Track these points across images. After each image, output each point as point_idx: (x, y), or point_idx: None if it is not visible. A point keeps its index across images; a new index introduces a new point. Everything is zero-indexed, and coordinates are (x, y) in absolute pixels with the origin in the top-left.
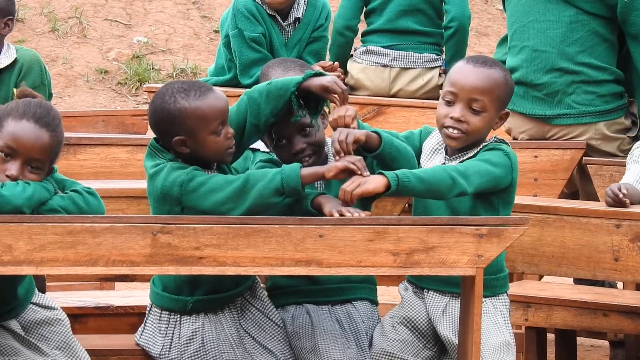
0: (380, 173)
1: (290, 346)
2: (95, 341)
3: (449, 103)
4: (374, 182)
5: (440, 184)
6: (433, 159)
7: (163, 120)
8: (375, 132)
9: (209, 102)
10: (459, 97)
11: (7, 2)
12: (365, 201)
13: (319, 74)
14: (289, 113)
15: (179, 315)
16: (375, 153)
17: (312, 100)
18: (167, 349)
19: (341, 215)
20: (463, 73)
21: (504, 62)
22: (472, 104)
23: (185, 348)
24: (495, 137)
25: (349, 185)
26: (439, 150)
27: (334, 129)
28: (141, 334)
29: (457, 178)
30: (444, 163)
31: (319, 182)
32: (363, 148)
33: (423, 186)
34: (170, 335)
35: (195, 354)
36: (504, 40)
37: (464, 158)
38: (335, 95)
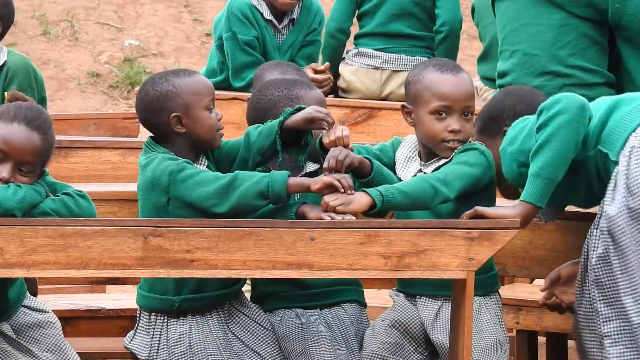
0: (364, 191)
1: (279, 349)
2: (86, 344)
3: (442, 117)
4: (359, 204)
5: (423, 195)
6: (408, 167)
7: (156, 100)
8: (367, 159)
9: (199, 79)
10: (454, 109)
11: None
12: None
13: (299, 109)
14: (275, 154)
15: (166, 317)
16: (365, 180)
17: (298, 136)
18: (155, 352)
19: (331, 219)
20: (450, 85)
21: (489, 78)
22: (465, 111)
23: (173, 350)
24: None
25: (332, 200)
26: (413, 158)
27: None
28: (131, 339)
29: (438, 187)
30: (420, 169)
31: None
32: (353, 173)
33: (407, 200)
34: (158, 337)
35: (183, 356)
36: (483, 56)
37: (440, 163)
38: (322, 122)
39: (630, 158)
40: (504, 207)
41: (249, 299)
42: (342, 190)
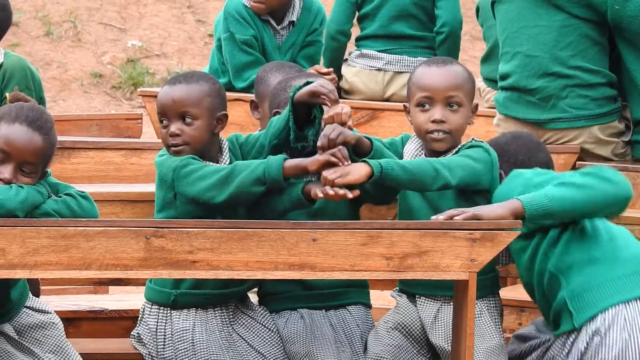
0: (364, 161)
1: (283, 350)
2: (88, 345)
3: (425, 108)
4: (357, 173)
5: (424, 174)
6: None
7: None
8: (367, 138)
9: (161, 92)
10: (435, 100)
11: None
12: (351, 185)
13: (307, 83)
14: (290, 139)
15: (169, 310)
16: (364, 159)
17: (307, 113)
18: (162, 347)
19: (325, 193)
20: (432, 76)
21: (492, 79)
22: (449, 101)
23: (177, 346)
24: (473, 138)
25: (331, 174)
26: (419, 155)
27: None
28: (136, 333)
29: (440, 169)
30: None
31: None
32: (353, 151)
33: (407, 175)
34: (163, 332)
35: (185, 352)
36: (487, 56)
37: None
38: (325, 97)
39: (592, 341)
40: (496, 205)
41: (254, 301)
42: (339, 163)
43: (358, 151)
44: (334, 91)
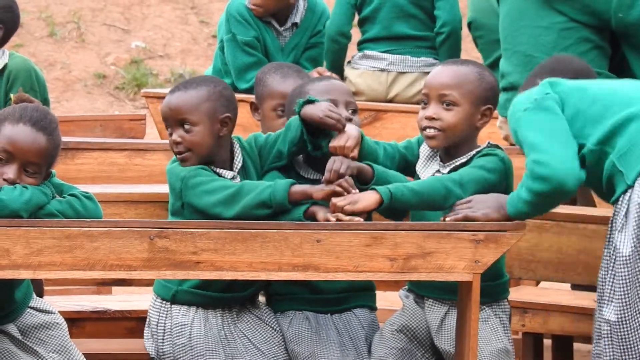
0: (373, 189)
1: (285, 350)
2: (92, 345)
3: (425, 105)
4: (366, 201)
5: (435, 195)
6: (428, 166)
7: None
8: (369, 165)
9: (167, 100)
10: (430, 96)
11: None
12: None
13: (312, 101)
14: (306, 145)
15: (169, 305)
16: (367, 186)
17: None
18: (161, 341)
19: (338, 219)
20: (432, 75)
21: None
22: (442, 99)
23: (175, 341)
24: (489, 143)
25: (340, 201)
26: (434, 157)
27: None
28: (147, 325)
29: (451, 188)
30: (438, 170)
31: None
32: (357, 180)
33: (417, 198)
34: (162, 326)
35: (182, 347)
36: (490, 66)
37: (458, 164)
38: (333, 126)
39: None
40: (492, 209)
41: (261, 300)
42: (345, 193)
43: (360, 179)
44: (342, 120)
